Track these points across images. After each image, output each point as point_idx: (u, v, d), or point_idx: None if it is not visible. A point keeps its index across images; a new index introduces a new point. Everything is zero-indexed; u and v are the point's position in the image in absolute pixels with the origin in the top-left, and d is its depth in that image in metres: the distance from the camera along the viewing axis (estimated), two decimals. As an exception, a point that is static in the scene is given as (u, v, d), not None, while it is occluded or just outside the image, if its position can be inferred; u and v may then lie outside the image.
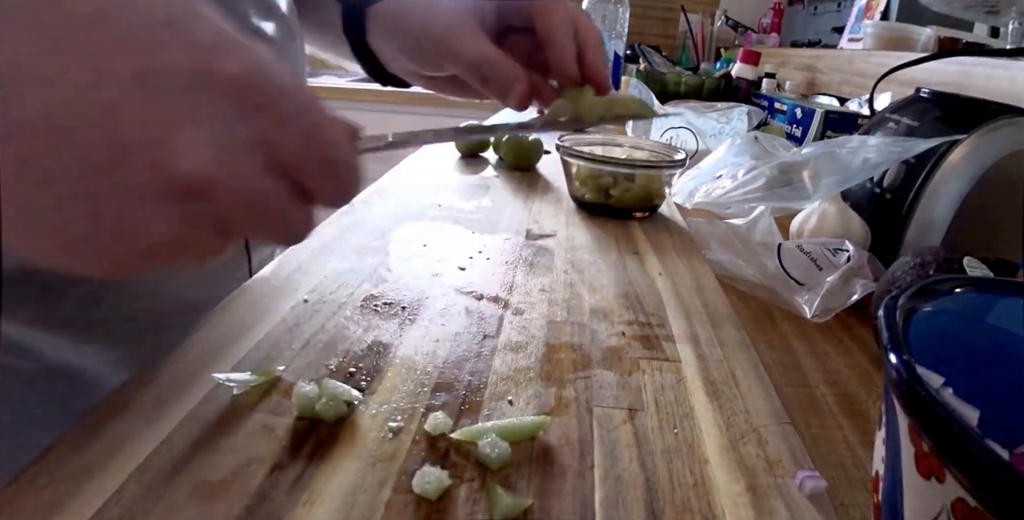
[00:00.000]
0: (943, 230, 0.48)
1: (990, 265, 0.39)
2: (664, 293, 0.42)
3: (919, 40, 1.18)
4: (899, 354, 0.17)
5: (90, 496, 0.22)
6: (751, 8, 2.24)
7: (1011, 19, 0.94)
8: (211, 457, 0.24)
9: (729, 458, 0.26)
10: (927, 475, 0.16)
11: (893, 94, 0.91)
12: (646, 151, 0.66)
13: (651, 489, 0.24)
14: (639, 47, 1.90)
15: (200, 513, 0.21)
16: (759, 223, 0.56)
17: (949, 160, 0.49)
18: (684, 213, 0.64)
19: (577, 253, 0.48)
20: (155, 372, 0.29)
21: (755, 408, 0.30)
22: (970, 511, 0.14)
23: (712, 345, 0.36)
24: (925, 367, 0.18)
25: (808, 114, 0.92)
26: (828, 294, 0.46)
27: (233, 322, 0.34)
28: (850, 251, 0.50)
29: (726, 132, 0.98)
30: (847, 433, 0.33)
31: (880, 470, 0.19)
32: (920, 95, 0.59)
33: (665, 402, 0.30)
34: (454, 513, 0.22)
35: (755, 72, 1.42)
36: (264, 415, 0.27)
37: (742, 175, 0.66)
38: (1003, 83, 0.74)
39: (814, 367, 0.40)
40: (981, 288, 0.23)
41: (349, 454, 0.25)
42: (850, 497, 0.28)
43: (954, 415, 0.15)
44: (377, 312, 0.36)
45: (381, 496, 0.23)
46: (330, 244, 0.46)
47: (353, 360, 0.31)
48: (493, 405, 0.29)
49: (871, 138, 0.56)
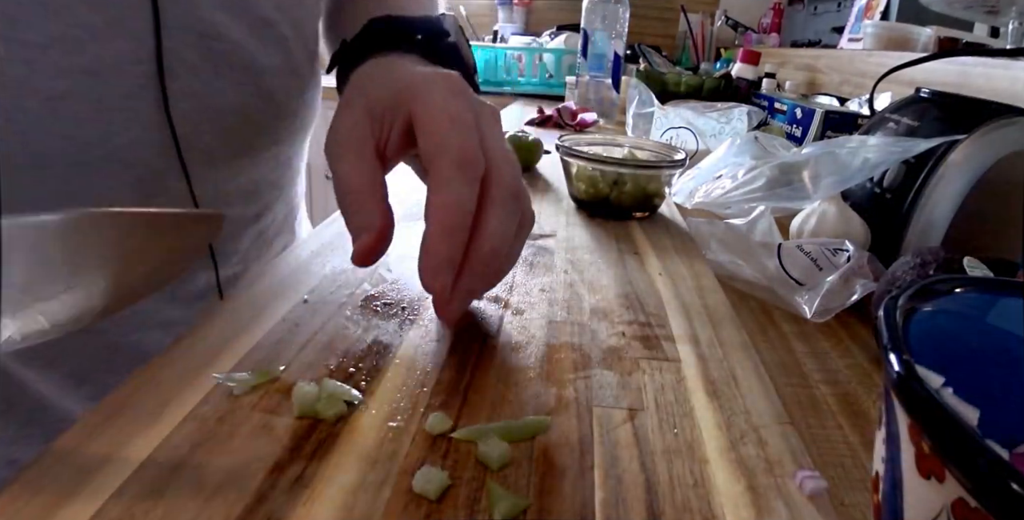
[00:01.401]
0: (943, 230, 0.48)
1: (990, 265, 0.39)
2: (664, 293, 0.42)
3: (919, 40, 1.18)
4: (899, 354, 0.17)
5: (90, 496, 0.22)
6: (751, 8, 2.24)
7: (1011, 19, 0.94)
8: (211, 457, 0.24)
9: (729, 458, 0.26)
10: (927, 475, 0.16)
11: (893, 94, 0.91)
12: (646, 151, 0.66)
13: (651, 489, 0.24)
14: (639, 47, 1.91)
15: (200, 513, 0.21)
16: (759, 223, 0.56)
17: (949, 160, 0.49)
18: (684, 213, 0.64)
19: (577, 253, 0.48)
20: (155, 372, 0.29)
21: (755, 408, 0.30)
22: (970, 511, 0.14)
23: (712, 345, 0.36)
24: (925, 367, 0.18)
25: (808, 114, 0.92)
26: (828, 294, 0.46)
27: (233, 322, 0.34)
28: (850, 251, 0.50)
29: (726, 132, 0.98)
30: (847, 433, 0.33)
31: (880, 470, 0.19)
32: (920, 95, 0.59)
33: (665, 402, 0.30)
34: (454, 513, 0.22)
35: (755, 72, 1.42)
36: (264, 415, 0.27)
37: (742, 175, 0.66)
38: (1003, 83, 0.74)
39: (814, 367, 0.40)
40: (981, 288, 0.23)
41: (349, 454, 0.25)
42: (850, 497, 0.28)
43: (954, 415, 0.15)
44: (377, 312, 0.36)
45: (381, 496, 0.23)
46: (330, 244, 0.46)
47: (353, 360, 0.31)
48: (493, 405, 0.29)
49: (871, 138, 0.56)
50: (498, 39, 2.31)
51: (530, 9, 2.45)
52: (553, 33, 2.03)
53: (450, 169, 0.30)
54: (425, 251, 0.30)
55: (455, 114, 0.31)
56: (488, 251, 0.31)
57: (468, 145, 0.31)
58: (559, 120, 1.16)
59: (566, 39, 1.82)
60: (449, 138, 0.30)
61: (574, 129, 1.14)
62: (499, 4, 2.41)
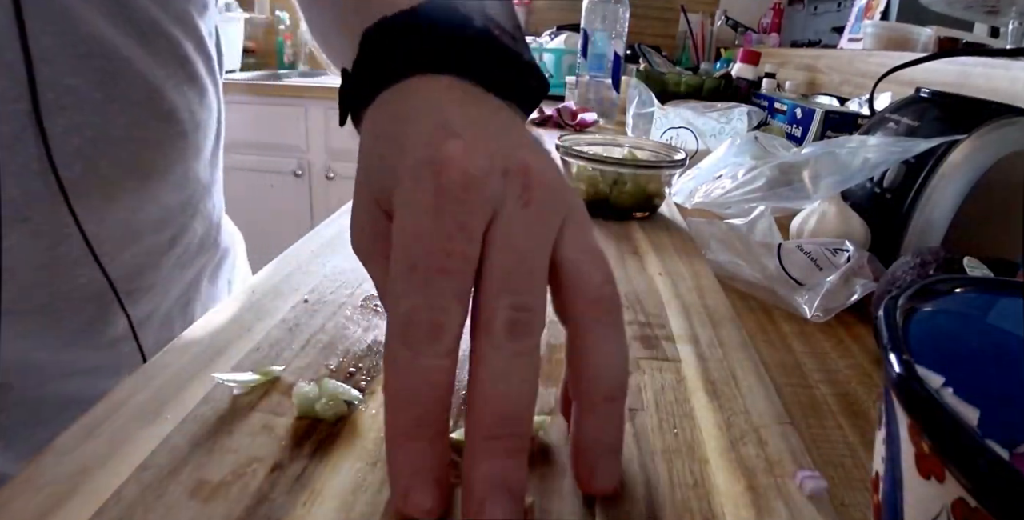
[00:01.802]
0: (943, 230, 0.48)
1: (990, 265, 0.39)
2: (664, 293, 0.42)
3: (919, 40, 1.18)
4: (899, 354, 0.17)
5: (90, 496, 0.22)
6: (751, 8, 2.24)
7: (1011, 19, 0.94)
8: (211, 457, 0.24)
9: (729, 458, 0.26)
10: (927, 475, 0.16)
11: (893, 94, 0.91)
12: (646, 151, 0.66)
13: (651, 489, 0.24)
14: (639, 47, 1.91)
15: (200, 513, 0.21)
16: (759, 223, 0.56)
17: (949, 160, 0.49)
18: (684, 213, 0.64)
19: (577, 253, 0.48)
20: (155, 372, 0.29)
21: (755, 408, 0.30)
22: (970, 511, 0.14)
23: (712, 345, 0.36)
24: (925, 367, 0.18)
25: (808, 114, 0.92)
26: (828, 294, 0.46)
27: (233, 322, 0.34)
28: (850, 251, 0.50)
29: (726, 132, 0.98)
30: (847, 433, 0.33)
31: (880, 470, 0.19)
32: (920, 95, 0.59)
33: (665, 402, 0.30)
34: (454, 513, 0.22)
35: (755, 72, 1.42)
36: (264, 415, 0.27)
37: (742, 175, 0.66)
38: (1003, 83, 0.74)
39: (814, 367, 0.40)
40: (981, 288, 0.23)
41: (349, 454, 0.25)
42: (850, 497, 0.28)
43: (954, 415, 0.15)
44: (377, 312, 0.36)
45: (381, 496, 0.23)
46: (330, 244, 0.46)
47: (353, 360, 0.31)
48: (493, 405, 0.29)
49: (871, 138, 0.56)
50: (498, 39, 2.30)
51: (530, 9, 2.45)
52: (553, 33, 2.02)
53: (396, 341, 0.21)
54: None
55: (417, 257, 0.21)
56: (604, 394, 0.22)
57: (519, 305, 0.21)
58: (559, 120, 1.16)
59: (566, 39, 1.82)
60: (399, 301, 0.21)
61: (574, 129, 1.14)
62: (499, 4, 2.41)
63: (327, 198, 2.11)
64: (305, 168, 2.08)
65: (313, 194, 2.13)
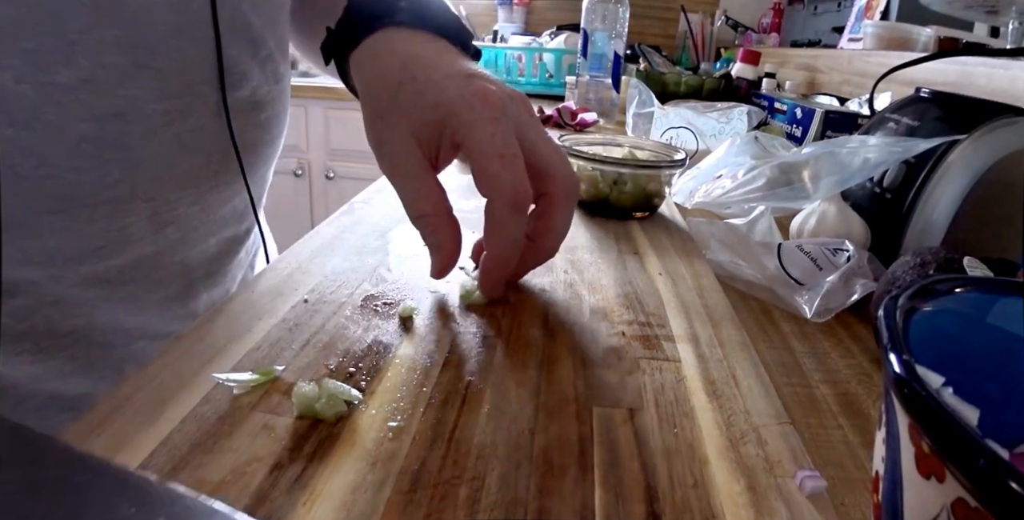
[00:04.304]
0: (943, 230, 0.48)
1: (990, 265, 0.39)
2: (664, 293, 0.42)
3: (919, 40, 1.18)
4: (899, 354, 0.17)
5: (90, 496, 0.22)
6: (751, 8, 2.24)
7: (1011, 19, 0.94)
8: (211, 457, 0.24)
9: (729, 458, 0.26)
10: (927, 475, 0.16)
11: (893, 94, 0.91)
12: (646, 151, 0.66)
13: (651, 489, 0.24)
14: (639, 47, 1.91)
15: (200, 513, 0.21)
16: (759, 223, 0.56)
17: (949, 160, 0.49)
18: (684, 213, 0.64)
19: (577, 253, 0.48)
20: (155, 372, 0.29)
21: (755, 408, 0.30)
22: (970, 511, 0.14)
23: (712, 345, 0.36)
24: (925, 367, 0.18)
25: (808, 114, 0.92)
26: (828, 294, 0.46)
27: (233, 322, 0.34)
28: (850, 251, 0.50)
29: (726, 132, 0.98)
30: (847, 433, 0.33)
31: (880, 470, 0.19)
32: (920, 95, 0.59)
33: (665, 402, 0.30)
34: (454, 513, 0.22)
35: (755, 72, 1.43)
36: (264, 415, 0.27)
37: (742, 175, 0.66)
38: (1003, 83, 0.74)
39: (814, 367, 0.40)
40: (981, 288, 0.23)
41: (349, 454, 0.25)
42: (850, 497, 0.28)
43: (954, 415, 0.15)
44: (377, 312, 0.36)
45: (381, 496, 0.23)
46: (330, 244, 0.46)
47: (353, 360, 0.31)
48: (494, 405, 0.29)
49: (871, 138, 0.56)
50: (498, 39, 2.31)
51: (530, 9, 2.46)
52: (553, 33, 2.03)
53: (503, 210, 0.34)
54: (485, 273, 0.37)
55: (502, 149, 0.34)
56: (551, 248, 0.39)
57: (519, 186, 0.34)
58: (559, 120, 1.16)
59: (566, 39, 1.82)
60: (502, 180, 0.33)
61: (574, 129, 1.14)
62: (499, 4, 2.41)
63: (327, 198, 2.11)
64: (305, 168, 2.08)
65: (313, 194, 2.13)
